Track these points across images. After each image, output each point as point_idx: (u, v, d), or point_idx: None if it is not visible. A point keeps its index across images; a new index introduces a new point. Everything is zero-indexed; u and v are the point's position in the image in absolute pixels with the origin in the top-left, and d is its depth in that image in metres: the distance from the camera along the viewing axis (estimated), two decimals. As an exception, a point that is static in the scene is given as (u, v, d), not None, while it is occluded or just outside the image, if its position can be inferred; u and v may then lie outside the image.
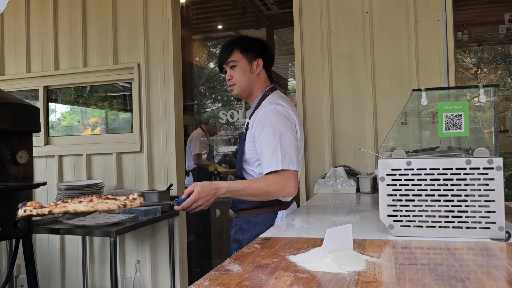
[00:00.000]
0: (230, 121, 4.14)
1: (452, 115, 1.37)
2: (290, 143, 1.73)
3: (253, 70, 1.89)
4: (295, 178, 1.72)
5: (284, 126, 1.74)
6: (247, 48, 1.90)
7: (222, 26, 6.15)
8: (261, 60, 1.90)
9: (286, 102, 1.85)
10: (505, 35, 5.01)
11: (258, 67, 1.90)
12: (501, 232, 1.28)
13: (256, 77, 1.90)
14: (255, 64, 1.89)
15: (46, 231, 2.68)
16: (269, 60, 1.95)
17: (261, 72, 1.91)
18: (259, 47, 1.92)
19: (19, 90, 3.93)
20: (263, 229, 1.70)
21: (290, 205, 1.94)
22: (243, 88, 1.90)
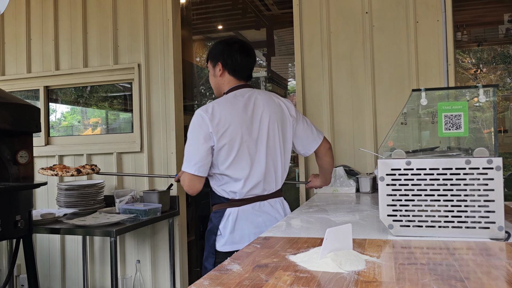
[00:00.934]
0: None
1: (451, 115, 1.38)
2: (189, 147, 1.87)
3: (216, 74, 2.00)
4: (188, 179, 1.87)
5: (192, 132, 1.87)
6: (212, 55, 2.02)
7: (222, 27, 6.15)
8: (220, 64, 1.98)
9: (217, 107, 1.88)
10: (504, 36, 5.01)
11: (220, 71, 1.98)
12: (501, 232, 1.28)
13: (221, 80, 2.00)
14: (217, 68, 1.99)
15: (46, 231, 2.68)
16: (232, 63, 1.97)
17: (225, 75, 1.98)
18: (218, 51, 1.99)
19: (19, 90, 3.94)
20: (213, 224, 1.91)
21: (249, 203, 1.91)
22: (216, 91, 2.06)
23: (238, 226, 1.88)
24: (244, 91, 1.97)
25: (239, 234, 1.88)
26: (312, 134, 2.06)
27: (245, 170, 1.88)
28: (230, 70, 1.98)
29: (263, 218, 1.92)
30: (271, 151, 1.94)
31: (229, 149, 1.86)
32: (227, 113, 1.87)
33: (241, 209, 1.90)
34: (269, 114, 1.94)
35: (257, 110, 1.93)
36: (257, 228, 1.88)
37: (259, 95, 1.98)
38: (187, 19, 4.08)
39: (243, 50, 2.00)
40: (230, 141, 1.85)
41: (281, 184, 2.02)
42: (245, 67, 2.00)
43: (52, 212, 2.92)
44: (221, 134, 1.84)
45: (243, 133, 1.87)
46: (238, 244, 1.86)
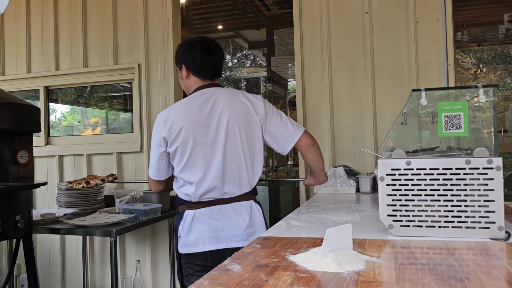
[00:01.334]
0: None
1: (451, 115, 1.38)
2: (151, 152, 1.92)
3: (183, 76, 1.97)
4: (152, 182, 1.98)
5: (152, 135, 1.91)
6: (176, 59, 2.00)
7: (222, 27, 6.15)
8: (184, 66, 1.94)
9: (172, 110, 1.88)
10: (504, 36, 5.01)
11: (185, 73, 1.95)
12: (501, 232, 1.28)
13: (187, 82, 1.97)
14: (183, 71, 1.96)
15: (46, 231, 2.68)
16: (194, 64, 1.92)
17: (190, 76, 1.94)
18: (181, 53, 1.96)
19: (19, 90, 3.94)
20: (175, 226, 1.92)
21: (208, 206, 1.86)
22: (186, 93, 2.03)
23: (194, 228, 1.85)
24: (206, 91, 1.90)
25: (194, 236, 1.84)
26: (288, 131, 1.89)
27: (198, 174, 1.83)
28: (193, 71, 1.92)
29: (223, 222, 1.85)
30: (231, 153, 1.84)
31: (182, 153, 1.83)
32: (180, 116, 1.83)
33: (197, 211, 1.86)
34: (229, 114, 1.84)
35: (215, 111, 1.84)
36: (214, 232, 1.84)
37: (221, 95, 1.88)
38: (187, 19, 4.08)
39: (204, 48, 1.92)
40: (182, 144, 1.82)
41: (250, 187, 1.91)
42: (208, 65, 1.92)
43: (52, 212, 2.92)
44: (173, 137, 1.83)
45: (195, 136, 1.82)
46: (192, 246, 1.85)
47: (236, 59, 8.04)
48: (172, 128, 1.82)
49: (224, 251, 1.84)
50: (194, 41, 1.96)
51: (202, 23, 5.86)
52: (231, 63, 7.89)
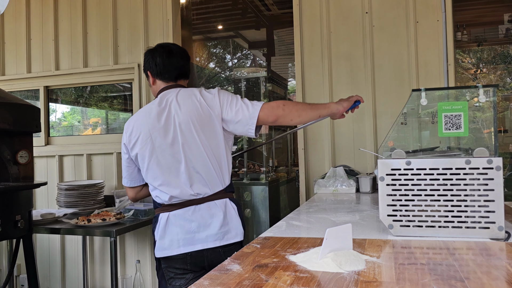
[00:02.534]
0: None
1: (451, 115, 1.38)
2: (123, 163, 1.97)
3: (150, 83, 2.01)
4: (127, 190, 2.03)
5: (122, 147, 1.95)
6: (143, 67, 2.04)
7: (222, 27, 6.15)
8: (149, 72, 1.98)
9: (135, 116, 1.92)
10: (504, 36, 5.01)
11: (151, 79, 1.99)
12: (501, 232, 1.28)
13: (155, 88, 1.99)
14: (150, 78, 2.00)
15: (46, 231, 2.68)
16: (156, 68, 1.94)
17: (156, 81, 1.98)
18: (145, 61, 2.00)
19: (19, 90, 3.94)
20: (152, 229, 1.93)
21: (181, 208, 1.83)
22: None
23: (168, 231, 1.83)
24: (166, 94, 1.90)
25: (168, 239, 1.82)
26: (248, 111, 1.80)
27: (158, 179, 1.84)
28: (156, 74, 1.95)
29: (197, 223, 1.82)
30: (192, 154, 1.80)
31: (142, 159, 1.86)
32: (139, 122, 1.86)
33: (171, 214, 1.84)
34: (182, 116, 1.81)
35: (170, 114, 1.83)
36: (188, 234, 1.81)
37: (176, 97, 1.86)
38: (187, 19, 4.08)
39: (165, 51, 1.95)
40: (141, 149, 1.84)
41: (223, 185, 1.86)
42: (170, 67, 1.94)
43: (52, 212, 2.92)
44: (132, 144, 1.87)
45: (154, 140, 1.81)
46: (167, 250, 1.83)
47: (236, 59, 8.04)
48: (132, 135, 1.87)
49: (202, 252, 1.81)
50: (155, 48, 2.00)
51: (202, 23, 5.85)
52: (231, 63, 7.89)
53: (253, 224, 3.57)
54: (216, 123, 1.82)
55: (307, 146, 3.13)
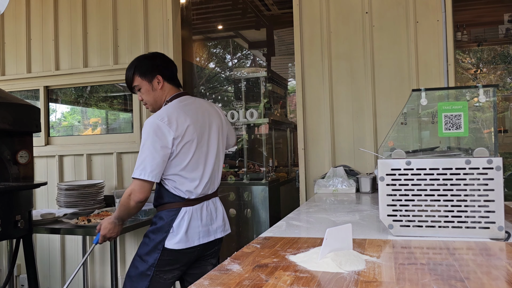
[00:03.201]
0: (231, 121, 4.13)
1: (451, 115, 1.38)
2: (149, 155, 1.88)
3: (155, 87, 2.05)
4: (144, 186, 1.90)
5: (148, 139, 1.89)
6: (144, 71, 2.05)
7: (222, 27, 6.15)
8: (160, 76, 2.04)
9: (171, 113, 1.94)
10: (504, 36, 5.01)
11: (160, 83, 2.04)
12: (501, 232, 1.28)
13: (161, 92, 2.06)
14: (155, 82, 2.04)
15: (46, 231, 2.68)
16: (168, 72, 2.07)
17: (164, 85, 2.05)
18: (155, 64, 2.05)
19: (19, 90, 3.94)
20: (165, 223, 1.96)
21: (200, 202, 2.01)
22: (153, 105, 2.09)
23: (192, 224, 1.97)
24: (188, 98, 2.09)
25: (192, 232, 1.96)
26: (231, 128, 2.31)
27: (199, 171, 1.99)
28: (169, 79, 2.06)
29: (209, 216, 2.05)
30: (218, 154, 2.09)
31: (187, 151, 1.95)
32: (182, 117, 1.95)
33: (195, 208, 1.99)
34: (215, 119, 2.11)
35: (207, 115, 2.07)
36: (205, 227, 2.01)
37: (203, 102, 2.16)
38: (187, 19, 4.08)
39: (170, 60, 2.13)
40: (188, 142, 1.95)
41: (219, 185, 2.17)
42: (175, 75, 2.12)
43: (52, 212, 2.92)
44: (181, 137, 1.92)
45: (198, 136, 1.98)
46: (189, 242, 1.96)
47: (236, 59, 8.04)
48: (178, 129, 1.92)
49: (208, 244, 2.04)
50: (156, 55, 2.13)
51: (202, 23, 5.85)
52: (231, 63, 7.89)
53: (253, 224, 3.57)
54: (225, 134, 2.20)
55: (307, 146, 3.13)
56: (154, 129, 1.89)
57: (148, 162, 1.88)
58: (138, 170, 1.89)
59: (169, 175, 1.96)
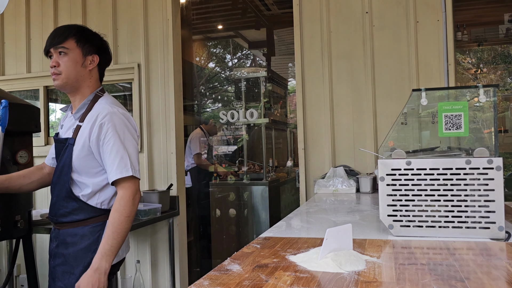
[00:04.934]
0: (230, 121, 4.13)
1: (452, 115, 1.38)
2: (134, 150, 1.70)
3: (86, 64, 1.75)
4: (137, 184, 1.70)
5: (129, 132, 1.69)
6: (85, 39, 1.76)
7: (222, 27, 6.15)
8: (97, 57, 1.78)
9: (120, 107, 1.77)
10: (505, 35, 5.01)
11: (92, 63, 1.77)
12: (501, 232, 1.28)
13: (88, 73, 1.76)
14: (89, 58, 1.76)
15: (46, 231, 2.68)
16: (105, 61, 1.84)
17: (94, 70, 1.79)
18: (98, 43, 1.80)
19: (19, 90, 3.93)
20: (91, 241, 1.68)
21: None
22: (69, 81, 1.73)
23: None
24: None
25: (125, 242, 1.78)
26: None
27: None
28: (101, 69, 1.83)
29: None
30: None
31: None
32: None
33: None
34: None
35: None
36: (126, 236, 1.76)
37: None
38: (187, 19, 4.08)
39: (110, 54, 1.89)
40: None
41: None
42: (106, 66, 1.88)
43: (52, 212, 2.92)
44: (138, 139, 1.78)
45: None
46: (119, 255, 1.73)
47: (236, 59, 8.04)
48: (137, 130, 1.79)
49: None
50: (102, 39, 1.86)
51: (202, 23, 5.86)
52: (231, 63, 7.89)
53: (253, 224, 3.57)
54: None
55: (307, 146, 3.13)
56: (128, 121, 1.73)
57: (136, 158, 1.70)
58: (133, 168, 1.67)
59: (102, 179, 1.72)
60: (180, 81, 3.51)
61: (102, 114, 1.69)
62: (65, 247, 1.72)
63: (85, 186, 1.72)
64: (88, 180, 1.71)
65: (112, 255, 1.60)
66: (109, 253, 1.59)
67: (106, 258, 1.59)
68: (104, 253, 1.59)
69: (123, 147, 1.66)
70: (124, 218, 1.62)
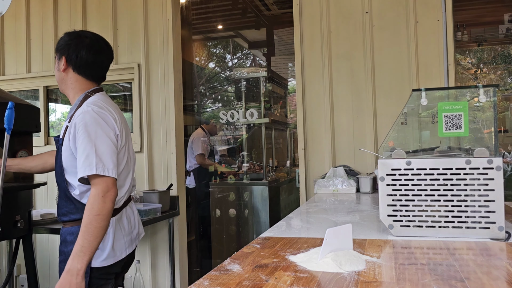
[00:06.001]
0: (230, 121, 4.13)
1: (452, 115, 1.38)
2: (107, 148, 1.63)
3: (59, 67, 1.78)
4: (114, 184, 1.62)
5: (102, 130, 1.64)
6: (57, 45, 1.81)
7: (222, 26, 6.15)
8: (63, 58, 1.76)
9: (109, 105, 1.74)
10: (504, 35, 5.01)
11: (63, 66, 1.76)
12: (501, 232, 1.28)
13: (65, 76, 1.78)
14: (61, 64, 1.78)
15: (46, 231, 2.68)
16: (74, 57, 1.75)
17: (69, 72, 1.77)
18: (64, 43, 1.78)
19: (19, 90, 3.94)
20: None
21: (120, 211, 1.76)
22: (60, 86, 1.83)
23: (117, 236, 1.73)
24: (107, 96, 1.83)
25: (118, 244, 1.73)
26: None
27: (129, 178, 1.80)
28: (74, 67, 1.76)
29: (129, 223, 1.81)
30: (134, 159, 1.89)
31: (123, 154, 1.74)
32: (117, 114, 1.76)
33: (116, 218, 1.73)
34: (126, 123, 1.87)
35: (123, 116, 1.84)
36: (128, 236, 1.78)
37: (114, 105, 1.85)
38: (187, 19, 4.08)
39: (92, 46, 1.77)
40: (124, 145, 1.75)
41: None
42: (93, 65, 1.77)
43: (52, 212, 2.92)
44: (120, 136, 1.72)
45: (127, 141, 1.79)
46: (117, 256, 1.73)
47: (236, 59, 8.04)
48: (117, 128, 1.71)
49: (134, 251, 1.85)
50: (83, 35, 1.81)
51: (202, 23, 5.86)
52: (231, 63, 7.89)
53: (253, 224, 3.57)
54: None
55: (307, 146, 3.13)
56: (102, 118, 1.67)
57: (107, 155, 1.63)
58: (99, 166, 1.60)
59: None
60: (180, 81, 3.51)
61: (77, 113, 1.68)
62: (65, 245, 1.73)
63: (74, 187, 1.71)
64: (74, 180, 1.68)
65: (85, 256, 1.55)
66: (80, 254, 1.55)
67: (77, 259, 1.55)
68: (75, 254, 1.56)
69: (91, 145, 1.60)
70: (93, 216, 1.56)
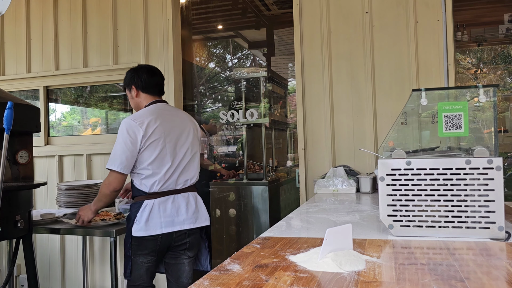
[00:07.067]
0: (230, 121, 4.13)
1: (451, 115, 1.38)
2: (119, 150, 2.18)
3: (132, 96, 2.40)
4: (117, 177, 2.20)
5: (121, 136, 2.19)
6: (125, 83, 2.44)
7: (222, 26, 6.15)
8: (133, 87, 2.37)
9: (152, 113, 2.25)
10: (504, 35, 5.01)
11: (135, 92, 2.38)
12: (501, 232, 1.28)
13: (138, 100, 2.39)
14: (133, 91, 2.38)
15: (46, 231, 2.68)
16: (141, 83, 2.36)
17: (140, 94, 2.38)
18: (129, 78, 2.39)
19: (19, 90, 3.94)
20: (132, 214, 2.23)
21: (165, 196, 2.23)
22: (136, 109, 2.42)
23: (153, 215, 2.19)
24: (163, 105, 2.38)
25: (152, 222, 2.19)
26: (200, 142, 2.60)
27: (165, 167, 2.22)
28: (142, 88, 2.36)
29: (175, 209, 2.25)
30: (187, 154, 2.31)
31: (154, 148, 2.20)
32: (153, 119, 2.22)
33: (157, 201, 2.21)
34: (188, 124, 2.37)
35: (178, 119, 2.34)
36: (168, 217, 2.22)
37: (179, 110, 2.49)
38: (187, 19, 4.08)
39: (148, 71, 2.40)
40: (155, 141, 2.20)
41: (195, 181, 2.39)
42: (153, 84, 2.39)
43: (52, 212, 2.92)
44: (149, 134, 2.18)
45: (165, 136, 2.23)
46: (149, 231, 2.18)
47: (236, 59, 8.04)
48: (148, 128, 2.18)
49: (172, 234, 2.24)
50: (139, 67, 2.42)
51: (202, 23, 5.85)
52: (231, 63, 7.89)
53: (253, 224, 3.57)
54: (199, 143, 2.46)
55: (307, 146, 3.13)
56: (127, 127, 2.18)
57: (119, 156, 2.17)
58: (110, 162, 2.20)
59: (139, 169, 2.21)
60: (180, 81, 3.51)
61: None
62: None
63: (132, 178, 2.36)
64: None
65: (93, 206, 2.37)
66: (94, 204, 2.37)
67: (92, 204, 2.39)
68: (93, 202, 2.39)
69: (113, 148, 2.21)
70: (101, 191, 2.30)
